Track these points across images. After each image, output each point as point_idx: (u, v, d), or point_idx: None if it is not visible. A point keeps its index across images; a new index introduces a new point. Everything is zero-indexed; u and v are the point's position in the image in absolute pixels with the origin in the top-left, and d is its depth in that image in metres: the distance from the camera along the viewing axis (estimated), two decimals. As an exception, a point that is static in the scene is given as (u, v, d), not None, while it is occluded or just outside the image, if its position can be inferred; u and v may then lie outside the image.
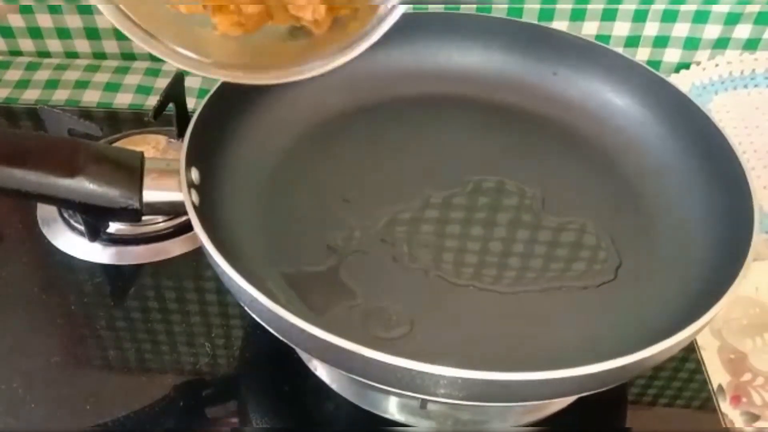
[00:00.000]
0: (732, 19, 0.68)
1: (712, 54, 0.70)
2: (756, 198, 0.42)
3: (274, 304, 0.35)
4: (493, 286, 0.43)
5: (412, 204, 0.48)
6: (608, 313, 0.42)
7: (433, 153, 0.52)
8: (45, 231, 0.54)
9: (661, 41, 0.70)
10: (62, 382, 0.45)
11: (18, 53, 0.74)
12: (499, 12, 0.67)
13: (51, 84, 0.70)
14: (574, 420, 0.44)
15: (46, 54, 0.74)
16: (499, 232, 0.47)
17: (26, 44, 0.73)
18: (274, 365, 0.47)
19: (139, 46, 0.37)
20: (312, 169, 0.50)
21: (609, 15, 0.68)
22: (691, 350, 0.49)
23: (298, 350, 0.45)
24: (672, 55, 0.71)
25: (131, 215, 0.42)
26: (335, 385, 0.45)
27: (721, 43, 0.69)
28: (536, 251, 0.46)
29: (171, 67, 0.39)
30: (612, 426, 0.46)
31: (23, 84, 0.70)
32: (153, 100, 0.66)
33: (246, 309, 0.38)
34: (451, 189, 0.49)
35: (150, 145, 0.58)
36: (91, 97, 0.69)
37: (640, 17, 0.68)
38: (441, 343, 0.40)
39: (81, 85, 0.70)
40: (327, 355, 0.36)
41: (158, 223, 0.54)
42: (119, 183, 0.41)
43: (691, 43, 0.69)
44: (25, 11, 0.70)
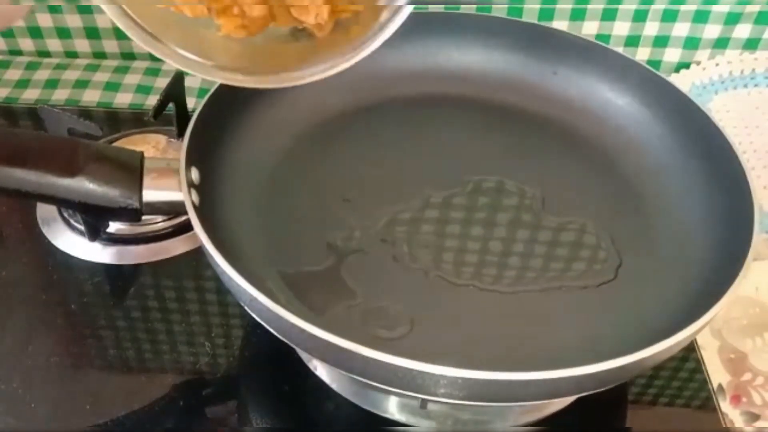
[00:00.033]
0: (732, 19, 0.67)
1: (712, 54, 0.70)
2: (756, 198, 0.42)
3: (274, 304, 0.35)
4: (494, 286, 0.43)
5: (412, 204, 0.48)
6: (608, 313, 0.42)
7: (433, 153, 0.52)
8: (45, 231, 0.54)
9: (661, 41, 0.70)
10: (62, 382, 0.45)
11: (18, 53, 0.74)
12: (499, 12, 0.67)
13: (51, 83, 0.70)
14: (575, 419, 0.44)
15: (46, 53, 0.74)
16: (499, 232, 0.47)
17: (26, 44, 0.73)
18: (274, 365, 0.47)
19: (139, 46, 0.37)
20: (312, 169, 0.50)
21: (609, 15, 0.68)
22: (691, 350, 0.49)
23: (298, 350, 0.45)
24: (672, 55, 0.71)
25: (131, 215, 0.42)
26: (335, 385, 0.45)
27: (721, 43, 0.69)
28: (536, 251, 0.46)
29: (171, 67, 0.39)
30: (612, 426, 0.46)
31: (23, 83, 0.70)
32: (153, 100, 0.65)
33: (246, 309, 0.38)
34: (451, 189, 0.49)
35: (150, 145, 0.58)
36: (91, 97, 0.69)
37: (640, 17, 0.68)
38: (441, 343, 0.40)
39: (81, 85, 0.70)
40: (327, 355, 0.36)
41: (158, 223, 0.54)
42: (119, 183, 0.41)
43: (691, 43, 0.69)
44: (25, 11, 0.71)
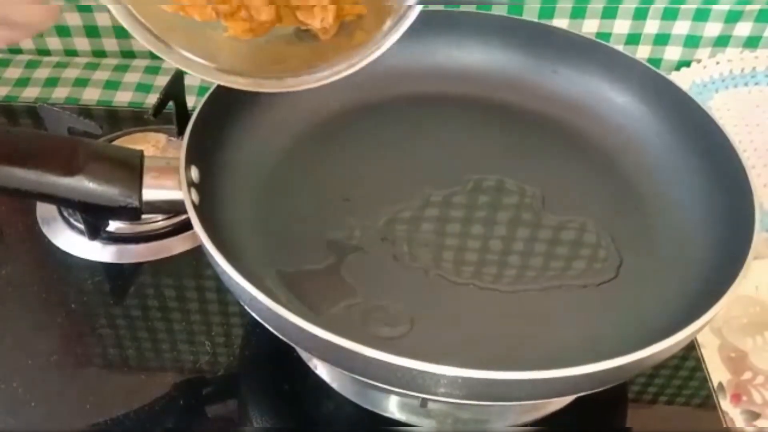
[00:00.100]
0: (733, 17, 0.67)
1: (713, 52, 0.70)
2: (756, 196, 0.42)
3: (274, 303, 0.35)
4: (494, 285, 0.43)
5: (412, 203, 0.48)
6: (608, 312, 0.42)
7: (433, 152, 0.52)
8: (45, 230, 0.54)
9: (662, 39, 0.70)
10: (62, 381, 0.45)
11: (17, 51, 0.74)
12: (500, 10, 0.66)
13: (50, 82, 0.70)
14: (574, 419, 0.44)
15: (46, 52, 0.74)
16: (500, 231, 0.47)
17: (26, 42, 0.73)
18: (274, 364, 0.46)
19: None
20: (312, 169, 0.50)
21: (609, 13, 0.68)
22: (692, 348, 0.49)
23: (298, 349, 0.45)
24: (672, 53, 0.71)
25: (131, 214, 0.42)
26: (335, 384, 0.45)
27: (722, 41, 0.69)
28: (536, 250, 0.46)
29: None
30: (612, 425, 0.46)
31: (23, 82, 0.70)
32: (153, 98, 0.65)
33: (246, 308, 0.38)
34: (451, 188, 0.49)
35: (150, 144, 0.58)
36: (91, 95, 0.69)
37: (641, 15, 0.68)
38: (441, 342, 0.40)
39: (81, 83, 0.70)
40: (327, 354, 0.36)
41: (158, 222, 0.54)
42: (119, 181, 0.41)
43: (692, 41, 0.69)
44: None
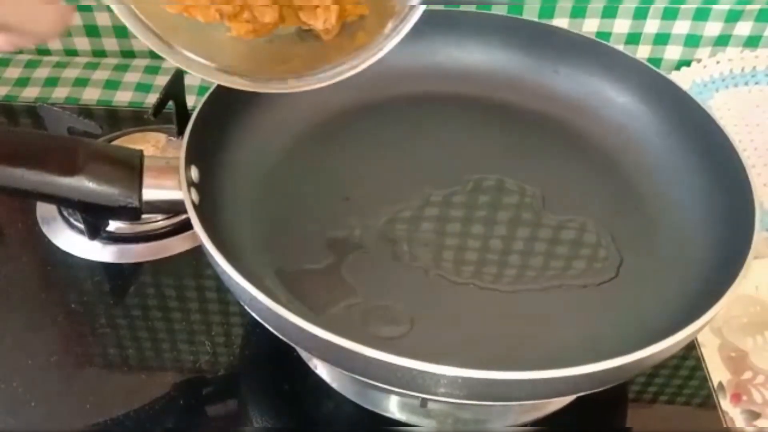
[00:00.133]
0: (733, 17, 0.67)
1: (713, 51, 0.70)
2: (756, 195, 0.42)
3: (274, 303, 0.35)
4: (494, 285, 0.43)
5: (413, 202, 0.48)
6: (608, 312, 0.42)
7: (434, 152, 0.52)
8: (45, 230, 0.54)
9: (662, 38, 0.70)
10: (62, 381, 0.45)
11: (17, 51, 0.74)
12: (500, 10, 0.66)
13: (50, 82, 0.70)
14: (574, 419, 0.44)
15: (46, 51, 0.74)
16: (500, 231, 0.47)
17: (26, 42, 0.73)
18: (274, 364, 0.46)
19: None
20: (312, 168, 0.50)
21: (609, 12, 0.68)
22: (692, 348, 0.49)
23: (298, 349, 0.45)
24: (673, 53, 0.70)
25: (131, 213, 0.42)
26: (335, 384, 0.45)
27: (722, 41, 0.69)
28: (536, 250, 0.46)
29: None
30: (612, 425, 0.46)
31: (23, 82, 0.70)
32: (153, 98, 0.65)
33: (246, 308, 0.38)
34: (452, 187, 0.49)
35: (150, 143, 0.58)
36: (91, 95, 0.69)
37: (641, 14, 0.68)
38: (441, 342, 0.40)
39: (80, 83, 0.70)
40: (327, 354, 0.36)
41: (158, 222, 0.54)
42: (119, 181, 0.41)
43: (692, 41, 0.69)
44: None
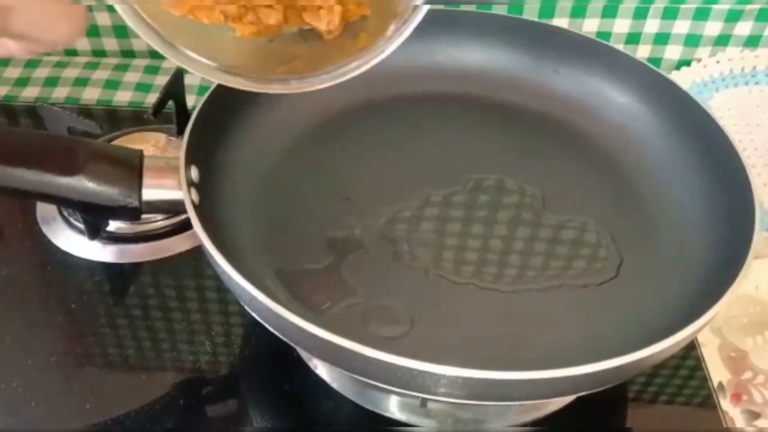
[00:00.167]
0: (733, 16, 0.67)
1: (713, 51, 0.70)
2: (756, 195, 0.42)
3: (274, 303, 0.35)
4: (494, 285, 0.43)
5: (413, 202, 0.48)
6: (608, 312, 0.42)
7: (434, 151, 0.52)
8: (45, 229, 0.54)
9: (662, 38, 0.70)
10: (62, 381, 0.45)
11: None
12: (500, 10, 0.66)
13: (50, 81, 0.70)
14: (574, 419, 0.44)
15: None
16: (500, 231, 0.47)
17: (25, 42, 0.73)
18: (274, 364, 0.46)
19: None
20: (312, 168, 0.50)
21: (610, 12, 0.68)
22: (692, 348, 0.49)
23: (298, 349, 0.45)
24: (673, 53, 0.70)
25: (131, 213, 0.42)
26: (335, 384, 0.45)
27: (722, 40, 0.69)
28: (536, 250, 0.46)
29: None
30: (612, 425, 0.46)
31: (22, 82, 0.70)
32: (153, 98, 0.65)
33: (246, 308, 0.38)
34: (452, 187, 0.49)
35: (150, 143, 0.58)
36: (91, 95, 0.69)
37: (641, 14, 0.68)
38: (441, 342, 0.40)
39: (80, 83, 0.70)
40: (327, 354, 0.36)
41: (158, 222, 0.54)
42: (118, 181, 0.41)
43: (692, 40, 0.69)
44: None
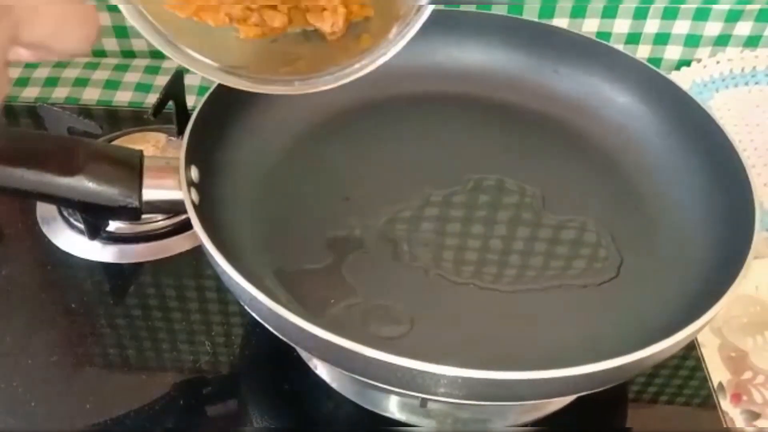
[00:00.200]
0: (733, 17, 0.67)
1: (713, 51, 0.70)
2: (756, 195, 0.42)
3: (274, 303, 0.35)
4: (494, 285, 0.43)
5: (413, 202, 0.48)
6: (608, 312, 0.42)
7: (434, 151, 0.52)
8: (45, 229, 0.54)
9: (662, 38, 0.70)
10: (62, 381, 0.45)
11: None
12: (500, 10, 0.66)
13: (50, 82, 0.70)
14: (574, 419, 0.44)
15: (46, 52, 0.74)
16: (500, 231, 0.47)
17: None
18: (274, 364, 0.46)
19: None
20: (312, 168, 0.50)
21: (609, 12, 0.68)
22: (692, 348, 0.49)
23: (298, 349, 0.45)
24: (673, 53, 0.70)
25: (131, 213, 0.42)
26: (335, 384, 0.45)
27: (722, 41, 0.69)
28: (536, 250, 0.46)
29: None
30: (612, 425, 0.46)
31: (22, 82, 0.70)
32: (153, 98, 0.65)
33: (246, 308, 0.38)
34: (452, 187, 0.49)
35: (150, 143, 0.58)
36: (91, 95, 0.69)
37: (641, 14, 0.68)
38: (441, 342, 0.40)
39: (80, 83, 0.70)
40: (327, 354, 0.36)
41: (158, 222, 0.54)
42: (119, 181, 0.41)
43: (692, 41, 0.69)
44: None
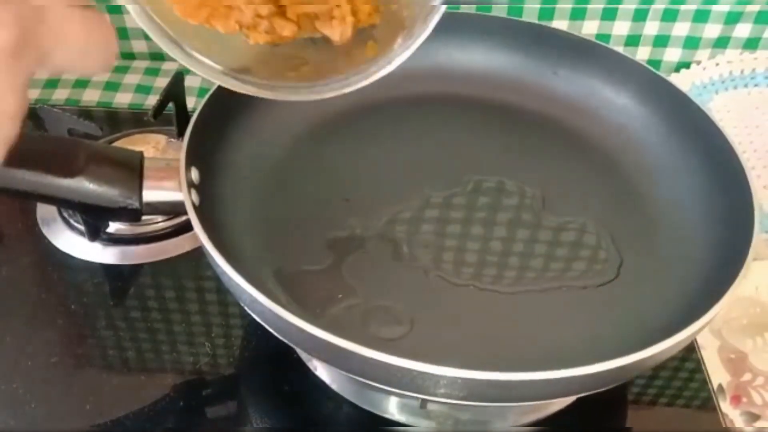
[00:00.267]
0: (732, 19, 0.67)
1: (713, 53, 0.70)
2: (756, 197, 0.42)
3: (274, 304, 0.35)
4: (493, 286, 0.43)
5: (413, 203, 0.48)
6: (608, 313, 0.42)
7: (433, 152, 0.52)
8: (45, 231, 0.54)
9: (662, 40, 0.70)
10: (62, 382, 0.45)
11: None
12: (500, 11, 0.67)
13: (51, 83, 0.70)
14: (575, 419, 0.44)
15: (46, 53, 0.74)
16: (499, 232, 0.47)
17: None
18: (274, 365, 0.46)
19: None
20: (312, 169, 0.50)
21: (609, 14, 0.68)
22: (691, 350, 0.49)
23: (298, 350, 0.45)
24: (672, 55, 0.71)
25: (131, 215, 0.42)
26: (335, 385, 0.45)
27: (722, 43, 0.69)
28: (536, 251, 0.46)
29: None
30: (612, 426, 0.46)
31: (23, 83, 0.70)
32: (153, 100, 0.65)
33: (246, 309, 0.38)
34: (451, 189, 0.49)
35: (150, 145, 0.58)
36: (91, 97, 0.69)
37: (641, 16, 0.68)
38: (441, 343, 0.40)
39: (81, 85, 0.70)
40: (327, 355, 0.36)
41: (158, 223, 0.54)
42: (119, 183, 0.41)
43: (692, 43, 0.69)
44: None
